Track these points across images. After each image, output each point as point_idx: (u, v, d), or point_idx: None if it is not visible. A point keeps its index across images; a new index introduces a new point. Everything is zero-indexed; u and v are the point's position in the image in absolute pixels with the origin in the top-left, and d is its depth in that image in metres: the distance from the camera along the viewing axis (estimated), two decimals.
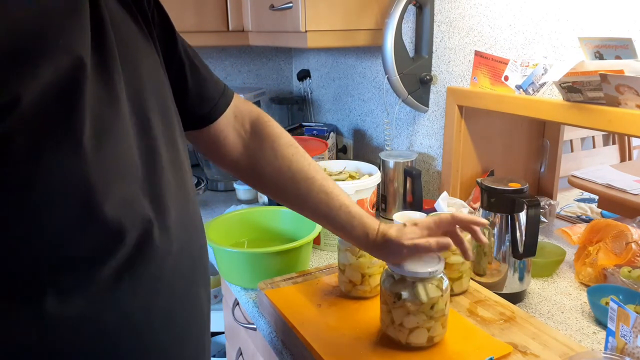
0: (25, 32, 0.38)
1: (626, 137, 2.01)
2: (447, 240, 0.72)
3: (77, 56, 0.41)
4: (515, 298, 0.98)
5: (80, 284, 0.44)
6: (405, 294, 0.77)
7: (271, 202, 1.47)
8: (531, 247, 0.94)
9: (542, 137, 1.42)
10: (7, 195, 0.39)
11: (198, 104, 0.72)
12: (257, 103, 1.97)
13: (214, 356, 1.77)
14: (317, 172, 0.80)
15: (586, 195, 1.63)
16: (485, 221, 0.77)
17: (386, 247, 0.76)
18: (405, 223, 0.78)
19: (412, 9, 1.42)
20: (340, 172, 1.37)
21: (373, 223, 0.78)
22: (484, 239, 0.76)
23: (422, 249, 0.73)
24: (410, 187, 1.34)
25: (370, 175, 1.30)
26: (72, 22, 0.41)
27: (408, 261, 0.77)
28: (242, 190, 1.62)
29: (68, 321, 0.43)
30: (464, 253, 0.75)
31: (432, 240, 0.72)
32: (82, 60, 0.41)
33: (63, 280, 0.43)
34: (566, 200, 1.58)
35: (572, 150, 2.01)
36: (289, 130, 1.86)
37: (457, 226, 0.75)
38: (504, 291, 0.98)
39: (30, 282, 0.42)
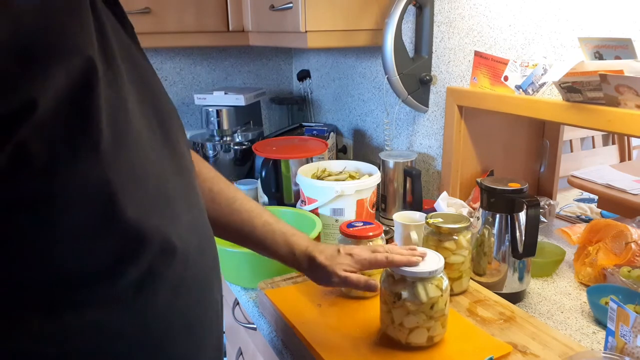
0: (33, 31, 0.36)
1: (626, 137, 2.01)
2: (376, 283, 0.75)
3: (88, 57, 0.39)
4: (515, 298, 0.98)
5: (101, 293, 0.43)
6: (405, 294, 0.77)
7: (271, 202, 1.47)
8: (531, 247, 0.94)
9: (542, 137, 1.42)
10: (26, 208, 0.38)
11: None
12: (257, 103, 1.97)
13: None
14: (237, 192, 0.81)
15: (586, 195, 1.63)
16: (417, 260, 0.76)
17: (314, 271, 0.77)
18: (339, 249, 0.78)
19: (412, 9, 1.42)
20: (340, 172, 1.37)
21: (300, 241, 0.78)
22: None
23: (351, 284, 0.75)
24: (410, 187, 1.34)
25: (370, 175, 1.30)
26: (78, 22, 0.40)
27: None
28: (243, 190, 1.62)
29: (88, 331, 0.43)
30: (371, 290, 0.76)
31: (362, 280, 0.74)
32: (93, 62, 0.40)
33: (84, 290, 0.42)
34: (566, 200, 1.58)
35: (571, 150, 2.01)
36: (289, 131, 1.86)
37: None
38: (504, 291, 0.98)
39: (51, 293, 0.41)
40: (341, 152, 1.87)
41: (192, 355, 0.52)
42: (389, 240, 1.20)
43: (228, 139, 1.78)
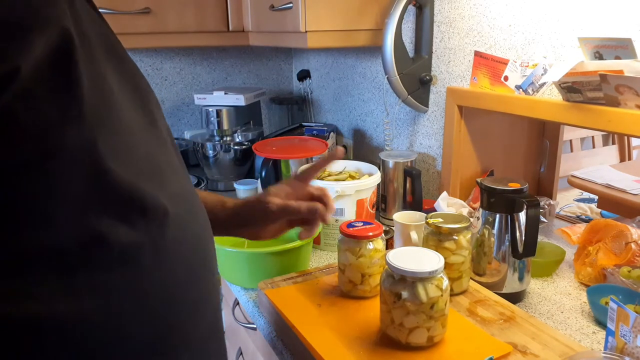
0: (8, 3, 0.37)
1: (626, 137, 2.02)
2: (317, 204, 0.74)
3: (64, 27, 0.40)
4: (515, 298, 0.98)
5: (99, 256, 0.43)
6: (405, 294, 0.77)
7: None
8: (531, 247, 0.94)
9: (542, 137, 1.42)
10: (19, 172, 0.39)
11: None
12: (257, 103, 1.97)
13: None
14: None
15: (586, 195, 1.63)
16: (340, 152, 0.76)
17: (249, 211, 0.76)
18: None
19: (412, 9, 1.42)
20: (340, 172, 1.37)
21: (227, 198, 0.79)
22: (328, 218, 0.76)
23: (292, 210, 0.74)
24: (410, 187, 1.34)
25: (370, 175, 1.30)
26: None
27: (407, 261, 0.78)
28: (243, 190, 1.62)
29: (87, 294, 0.43)
30: (323, 219, 0.76)
31: (304, 204, 0.74)
32: (69, 31, 0.41)
33: (82, 254, 0.43)
34: (566, 200, 1.58)
35: (571, 150, 2.01)
36: (289, 131, 1.86)
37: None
38: (504, 291, 0.98)
39: (49, 257, 0.41)
40: None
41: (189, 320, 0.52)
42: (389, 240, 1.20)
43: (228, 139, 1.78)
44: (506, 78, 1.14)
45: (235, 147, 1.77)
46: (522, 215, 0.95)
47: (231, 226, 0.80)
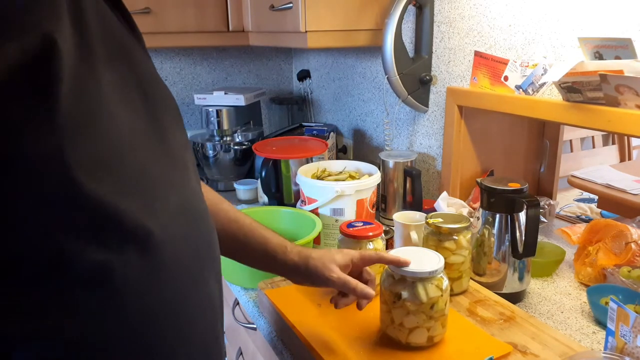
0: None
1: (626, 137, 2.01)
2: (371, 292, 0.76)
3: (45, 33, 0.39)
4: (515, 298, 0.98)
5: (67, 271, 0.42)
6: (405, 294, 0.77)
7: (271, 202, 1.47)
8: (531, 247, 0.94)
9: (542, 137, 1.42)
10: None
11: None
12: (257, 103, 1.98)
13: None
14: (238, 212, 0.82)
15: (586, 195, 1.63)
16: (407, 261, 0.78)
17: (310, 271, 0.78)
18: (330, 249, 0.81)
19: (412, 9, 1.42)
20: (340, 172, 1.37)
21: (293, 246, 0.80)
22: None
23: (349, 287, 0.76)
24: (410, 187, 1.34)
25: (370, 175, 1.30)
26: (37, 2, 0.39)
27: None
28: (243, 190, 1.62)
29: (57, 311, 0.42)
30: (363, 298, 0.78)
31: (359, 286, 0.76)
32: (51, 37, 0.39)
33: (51, 268, 0.41)
34: (566, 200, 1.58)
35: (571, 150, 2.01)
36: (289, 131, 1.86)
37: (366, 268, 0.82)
38: (504, 291, 0.98)
39: (21, 272, 0.40)
40: (341, 152, 1.87)
41: (178, 340, 0.50)
42: (389, 240, 1.20)
43: (228, 139, 1.78)
44: (506, 78, 1.14)
45: (235, 147, 1.77)
46: (522, 215, 0.95)
47: (287, 272, 0.82)
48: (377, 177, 1.27)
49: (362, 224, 0.98)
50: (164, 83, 0.56)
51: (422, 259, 0.79)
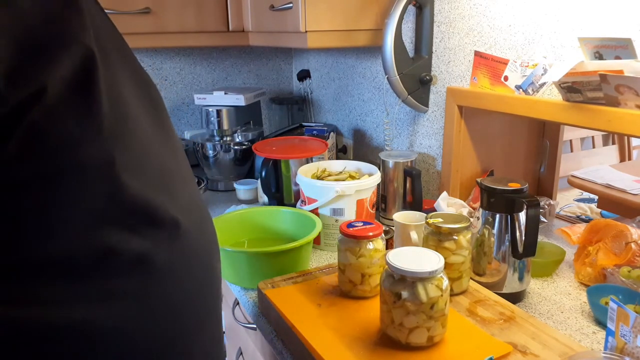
0: (36, 25, 0.39)
1: (626, 137, 2.01)
2: None
3: (86, 45, 0.42)
4: (515, 298, 0.98)
5: (109, 266, 0.44)
6: (405, 294, 0.77)
7: (271, 202, 1.47)
8: (531, 247, 0.94)
9: (542, 137, 1.42)
10: (37, 186, 0.40)
11: None
12: (257, 103, 1.98)
13: None
14: None
15: (586, 195, 1.63)
16: None
17: None
18: None
19: (412, 9, 1.42)
20: (340, 172, 1.37)
21: None
22: None
23: None
24: (410, 187, 1.34)
25: (370, 175, 1.30)
26: (74, 13, 0.42)
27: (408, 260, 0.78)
28: (243, 190, 1.62)
29: (99, 301, 0.44)
30: None
31: None
32: (91, 50, 0.42)
33: (94, 264, 0.44)
34: (566, 200, 1.58)
35: (571, 150, 2.01)
36: (289, 131, 1.86)
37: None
38: (504, 291, 0.98)
39: (70, 266, 0.42)
40: (341, 152, 1.87)
41: (193, 330, 0.52)
42: (389, 240, 1.20)
43: (228, 139, 1.78)
44: (506, 78, 1.14)
45: (235, 147, 1.77)
46: (522, 215, 0.95)
47: None
48: (377, 177, 1.27)
49: (362, 224, 0.98)
50: (151, 79, 0.59)
51: (422, 259, 0.79)
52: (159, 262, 0.47)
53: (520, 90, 1.11)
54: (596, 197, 1.58)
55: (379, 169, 1.34)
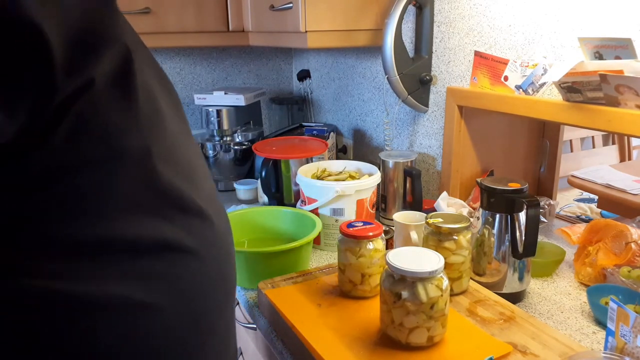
0: (84, 25, 0.42)
1: (626, 137, 2.02)
2: None
3: (124, 44, 0.45)
4: (515, 298, 0.98)
5: (143, 250, 0.46)
6: (405, 294, 0.77)
7: (271, 202, 1.47)
8: (531, 247, 0.94)
9: (542, 137, 1.42)
10: (83, 170, 0.43)
11: None
12: (257, 103, 1.97)
13: None
14: None
15: (586, 195, 1.63)
16: None
17: None
18: None
19: (412, 9, 1.42)
20: (340, 172, 1.37)
21: None
22: None
23: None
24: (410, 187, 1.34)
25: (370, 175, 1.30)
26: (111, 14, 0.45)
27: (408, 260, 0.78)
28: (243, 190, 1.62)
29: (135, 282, 0.46)
30: None
31: None
32: (128, 48, 0.45)
33: (137, 247, 0.46)
34: (566, 200, 1.58)
35: (571, 150, 2.01)
36: (289, 131, 1.86)
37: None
38: (504, 291, 0.98)
39: (113, 248, 0.45)
40: (341, 152, 1.87)
41: (216, 313, 0.55)
42: (389, 240, 1.20)
43: (228, 139, 1.78)
44: (506, 78, 1.14)
45: (235, 147, 1.77)
46: (522, 215, 0.95)
47: None
48: (377, 177, 1.27)
49: (362, 224, 0.98)
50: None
51: (422, 259, 0.79)
52: (188, 247, 0.50)
53: (520, 90, 1.11)
54: (596, 197, 1.58)
55: (379, 169, 1.34)
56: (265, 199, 1.49)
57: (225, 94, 1.79)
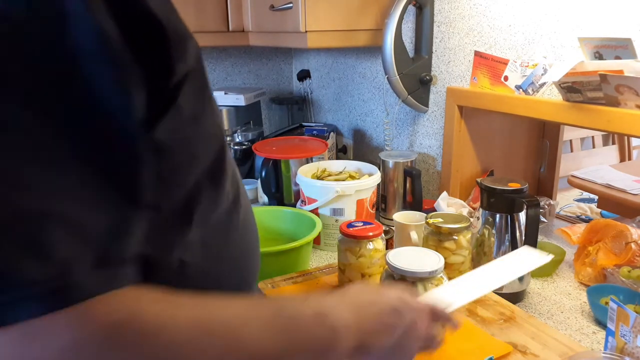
0: (173, 24, 0.46)
1: (626, 137, 2.02)
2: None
3: (196, 41, 0.50)
4: (515, 298, 0.98)
5: (211, 214, 0.53)
6: None
7: (271, 202, 1.47)
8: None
9: (542, 137, 1.42)
10: (176, 148, 0.47)
11: None
12: (257, 103, 1.97)
13: None
14: None
15: (586, 195, 1.63)
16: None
17: None
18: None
19: (412, 9, 1.42)
20: (340, 172, 1.37)
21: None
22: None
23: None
24: (410, 187, 1.34)
25: (370, 175, 1.30)
26: (174, 6, 0.50)
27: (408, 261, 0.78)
28: None
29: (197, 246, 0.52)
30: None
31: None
32: (196, 42, 0.50)
33: (204, 216, 0.52)
34: (566, 200, 1.58)
35: (571, 150, 2.02)
36: (289, 131, 1.86)
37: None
38: (504, 291, 0.98)
39: (188, 215, 0.50)
40: (341, 152, 1.87)
41: (252, 273, 0.64)
42: (389, 240, 1.20)
43: (228, 139, 1.78)
44: (506, 78, 1.14)
45: (235, 147, 1.77)
46: (522, 215, 0.95)
47: None
48: (377, 177, 1.27)
49: (362, 224, 0.98)
50: None
51: (422, 259, 0.79)
52: (235, 220, 0.58)
53: (520, 90, 1.11)
54: (596, 197, 1.58)
55: (379, 169, 1.34)
56: (265, 199, 1.49)
57: (225, 94, 1.79)
